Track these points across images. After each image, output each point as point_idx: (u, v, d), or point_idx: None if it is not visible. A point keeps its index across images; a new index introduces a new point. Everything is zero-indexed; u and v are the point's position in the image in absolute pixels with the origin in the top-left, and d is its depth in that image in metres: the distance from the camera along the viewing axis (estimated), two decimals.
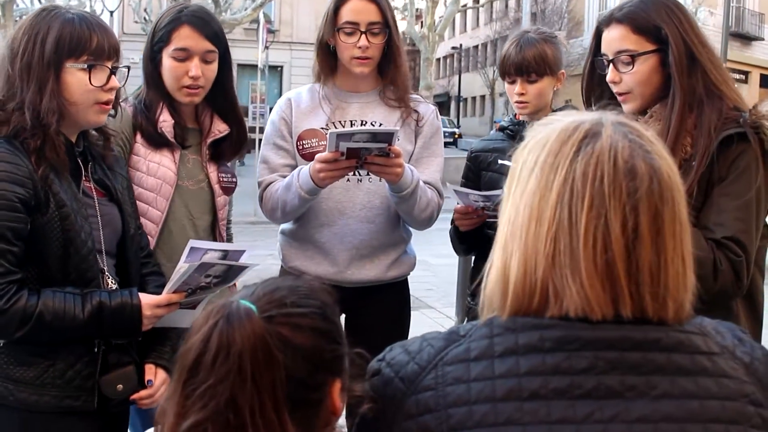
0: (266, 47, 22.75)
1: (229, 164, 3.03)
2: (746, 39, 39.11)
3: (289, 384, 1.23)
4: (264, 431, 1.20)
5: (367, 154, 2.69)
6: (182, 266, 2.26)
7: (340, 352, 1.31)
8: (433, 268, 10.11)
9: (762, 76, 39.68)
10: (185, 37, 2.78)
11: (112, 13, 26.74)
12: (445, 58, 59.00)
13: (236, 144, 2.99)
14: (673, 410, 1.19)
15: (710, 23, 35.17)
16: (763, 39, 40.04)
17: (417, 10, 31.72)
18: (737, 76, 36.26)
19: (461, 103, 55.85)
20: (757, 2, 40.06)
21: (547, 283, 1.24)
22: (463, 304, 7.69)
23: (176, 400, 1.24)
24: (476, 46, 55.33)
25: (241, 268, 2.37)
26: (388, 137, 2.67)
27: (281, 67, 40.88)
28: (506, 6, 50.45)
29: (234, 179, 3.01)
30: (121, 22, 36.16)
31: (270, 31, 27.07)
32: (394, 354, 1.34)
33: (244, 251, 2.39)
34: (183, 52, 2.78)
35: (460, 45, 53.40)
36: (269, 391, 1.22)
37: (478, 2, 46.93)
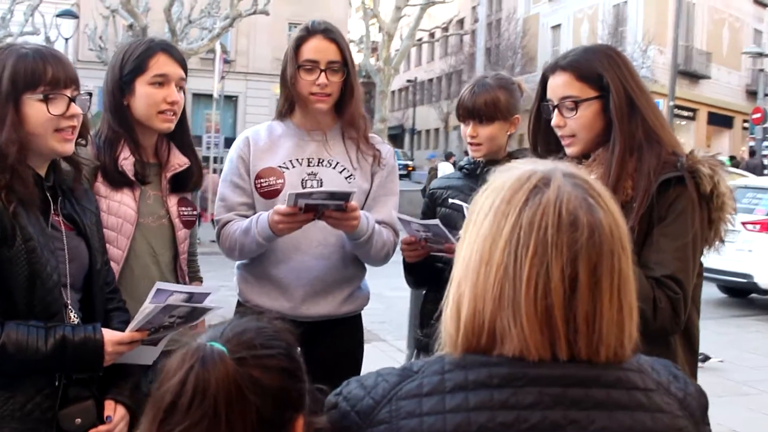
0: (222, 77, 22.77)
1: (189, 196, 3.06)
2: (694, 77, 39.97)
3: (259, 424, 1.29)
4: None
5: (324, 208, 2.78)
6: (147, 306, 2.29)
7: (303, 390, 1.38)
8: (386, 301, 10.16)
9: (709, 113, 40.56)
10: (163, 63, 2.83)
11: (67, 40, 26.55)
12: (399, 90, 59.41)
13: (196, 176, 3.04)
14: None
15: (659, 61, 35.95)
16: (710, 77, 40.96)
17: (373, 42, 31.98)
18: (686, 113, 37.06)
19: (415, 136, 56.22)
20: (705, 41, 41.01)
21: (494, 323, 1.31)
22: (414, 337, 7.77)
23: None
24: (431, 80, 55.91)
25: (205, 310, 2.41)
26: (345, 196, 2.77)
27: (236, 97, 40.97)
28: (461, 41, 51.07)
29: (195, 212, 3.05)
30: (77, 49, 35.96)
31: (226, 62, 27.09)
32: (351, 388, 1.41)
33: (209, 294, 2.42)
34: (161, 78, 2.82)
35: (415, 78, 53.88)
36: (241, 431, 1.28)
37: (433, 36, 47.52)
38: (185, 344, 1.36)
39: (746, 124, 36.73)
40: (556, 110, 2.54)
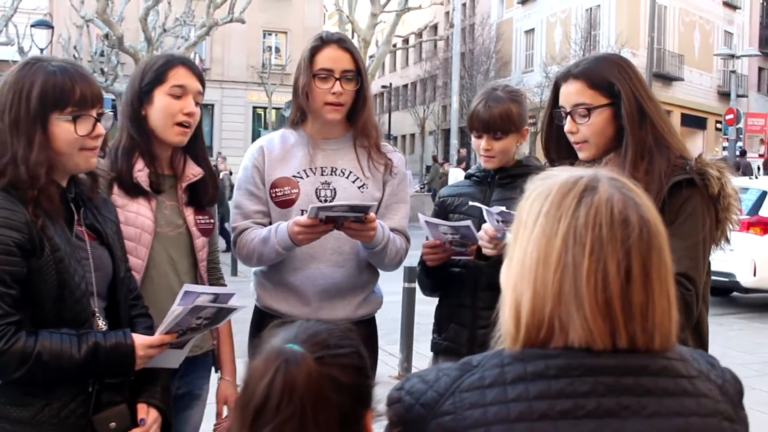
0: None
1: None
2: (667, 79, 40.36)
3: (340, 420, 1.39)
4: None
5: (344, 220, 2.87)
6: (176, 309, 2.35)
7: (371, 386, 1.47)
8: None
9: (683, 115, 40.99)
10: (182, 75, 2.89)
11: (42, 50, 26.45)
12: (375, 96, 59.43)
13: (211, 187, 3.09)
14: (663, 427, 1.37)
15: (633, 64, 36.32)
16: (683, 79, 41.42)
17: None
18: None
19: (391, 142, 56.10)
20: (677, 44, 41.46)
21: (553, 318, 1.41)
22: (408, 341, 7.82)
23: None
24: (406, 85, 56.08)
25: (230, 311, 2.47)
26: (364, 209, 2.86)
27: (212, 105, 40.83)
28: (435, 46, 51.26)
29: (212, 221, 3.10)
30: None
31: (203, 70, 27.17)
32: (413, 383, 1.50)
33: (233, 294, 2.48)
34: (180, 89, 2.88)
35: (390, 84, 54.00)
36: (325, 427, 1.37)
37: (407, 43, 47.68)
38: (265, 349, 1.43)
39: (719, 125, 37.22)
40: (569, 117, 2.64)
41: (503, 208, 2.73)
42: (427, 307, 3.81)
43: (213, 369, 3.20)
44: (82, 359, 2.28)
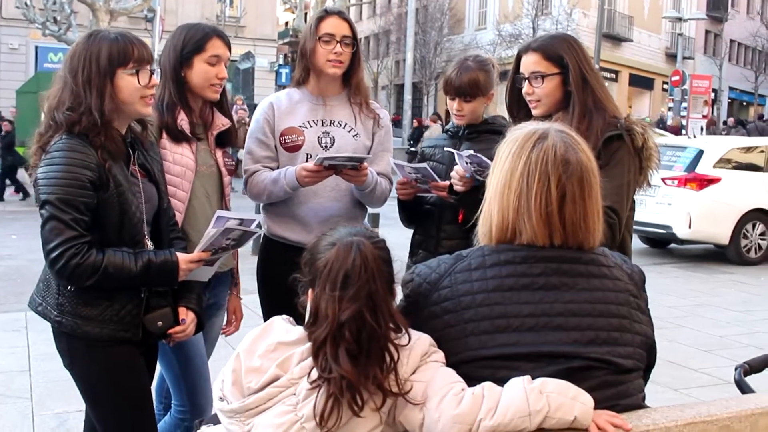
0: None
1: (229, 150, 3.71)
2: (617, 40, 41.26)
3: (388, 284, 2.06)
4: (386, 307, 2.02)
5: (342, 167, 3.51)
6: (210, 231, 2.92)
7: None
8: None
9: (631, 75, 41.94)
10: (218, 46, 3.47)
11: None
12: None
13: (234, 135, 3.69)
14: (588, 297, 2.05)
15: (584, 24, 36.94)
16: (632, 40, 42.29)
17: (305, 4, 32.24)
18: (608, 75, 38.25)
19: None
20: (627, 5, 42.28)
21: (515, 224, 2.07)
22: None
23: (334, 299, 2.00)
24: (359, 39, 56.16)
25: (251, 234, 3.03)
26: (360, 160, 3.51)
27: None
28: (389, 1, 51.48)
29: (234, 162, 3.71)
30: (1, 7, 35.45)
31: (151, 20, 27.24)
32: (420, 269, 2.17)
33: (255, 220, 3.04)
34: (215, 58, 3.45)
35: None
36: (385, 286, 2.04)
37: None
38: (326, 244, 2.09)
39: (666, 86, 38.20)
40: (527, 82, 3.28)
41: (472, 152, 3.35)
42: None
43: None
44: (138, 272, 2.86)
